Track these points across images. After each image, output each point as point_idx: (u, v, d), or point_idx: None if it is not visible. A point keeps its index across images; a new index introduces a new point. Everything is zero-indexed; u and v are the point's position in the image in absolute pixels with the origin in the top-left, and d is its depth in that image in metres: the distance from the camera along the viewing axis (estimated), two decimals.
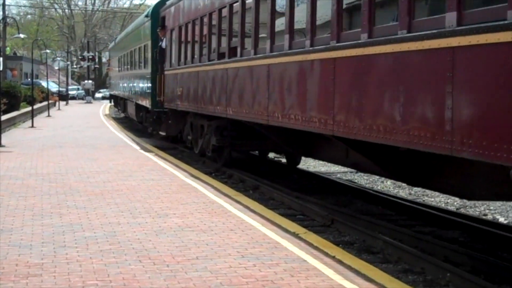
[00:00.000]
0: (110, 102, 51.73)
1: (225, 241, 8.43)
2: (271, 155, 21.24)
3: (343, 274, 7.10)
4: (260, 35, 13.42)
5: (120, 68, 38.55)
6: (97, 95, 76.93)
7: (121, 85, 37.39)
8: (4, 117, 25.33)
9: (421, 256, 8.89)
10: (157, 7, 24.35)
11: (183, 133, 21.65)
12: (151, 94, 23.83)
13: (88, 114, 42.91)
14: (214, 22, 16.56)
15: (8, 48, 57.14)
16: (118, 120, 39.42)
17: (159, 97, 22.76)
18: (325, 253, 8.01)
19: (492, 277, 8.21)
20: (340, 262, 7.61)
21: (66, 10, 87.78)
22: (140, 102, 27.49)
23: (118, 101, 42.09)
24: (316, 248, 8.25)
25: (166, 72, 22.10)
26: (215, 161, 18.10)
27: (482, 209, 13.90)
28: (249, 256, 7.70)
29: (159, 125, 24.59)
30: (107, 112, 46.53)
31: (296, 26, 11.61)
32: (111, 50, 50.73)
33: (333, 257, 7.80)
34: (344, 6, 10.17)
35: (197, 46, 18.34)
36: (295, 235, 8.93)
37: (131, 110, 32.00)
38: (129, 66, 32.84)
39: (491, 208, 13.95)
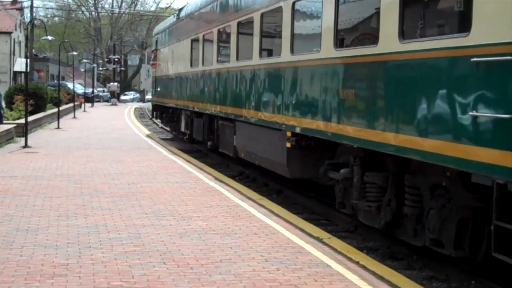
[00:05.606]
0: (153, 117, 35.41)
1: (249, 244, 8.45)
2: None
3: (367, 280, 7.08)
4: None
5: (204, 59, 19.78)
6: (123, 97, 77.36)
7: (206, 88, 19.12)
8: (30, 118, 25.50)
9: (446, 263, 8.83)
10: None
11: None
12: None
13: (113, 116, 43.11)
14: None
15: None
16: (143, 122, 39.58)
17: None
18: (349, 258, 8.00)
19: None
20: (364, 267, 7.60)
21: (93, 13, 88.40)
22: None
23: (184, 119, 23.99)
24: (340, 253, 8.24)
25: None
26: None
27: None
28: (272, 260, 7.71)
29: None
30: (132, 114, 46.66)
31: None
32: (161, 34, 29.35)
33: (357, 263, 7.79)
34: None
35: None
36: (319, 240, 8.92)
37: (268, 151, 13.65)
38: (274, 47, 13.81)
39: None
